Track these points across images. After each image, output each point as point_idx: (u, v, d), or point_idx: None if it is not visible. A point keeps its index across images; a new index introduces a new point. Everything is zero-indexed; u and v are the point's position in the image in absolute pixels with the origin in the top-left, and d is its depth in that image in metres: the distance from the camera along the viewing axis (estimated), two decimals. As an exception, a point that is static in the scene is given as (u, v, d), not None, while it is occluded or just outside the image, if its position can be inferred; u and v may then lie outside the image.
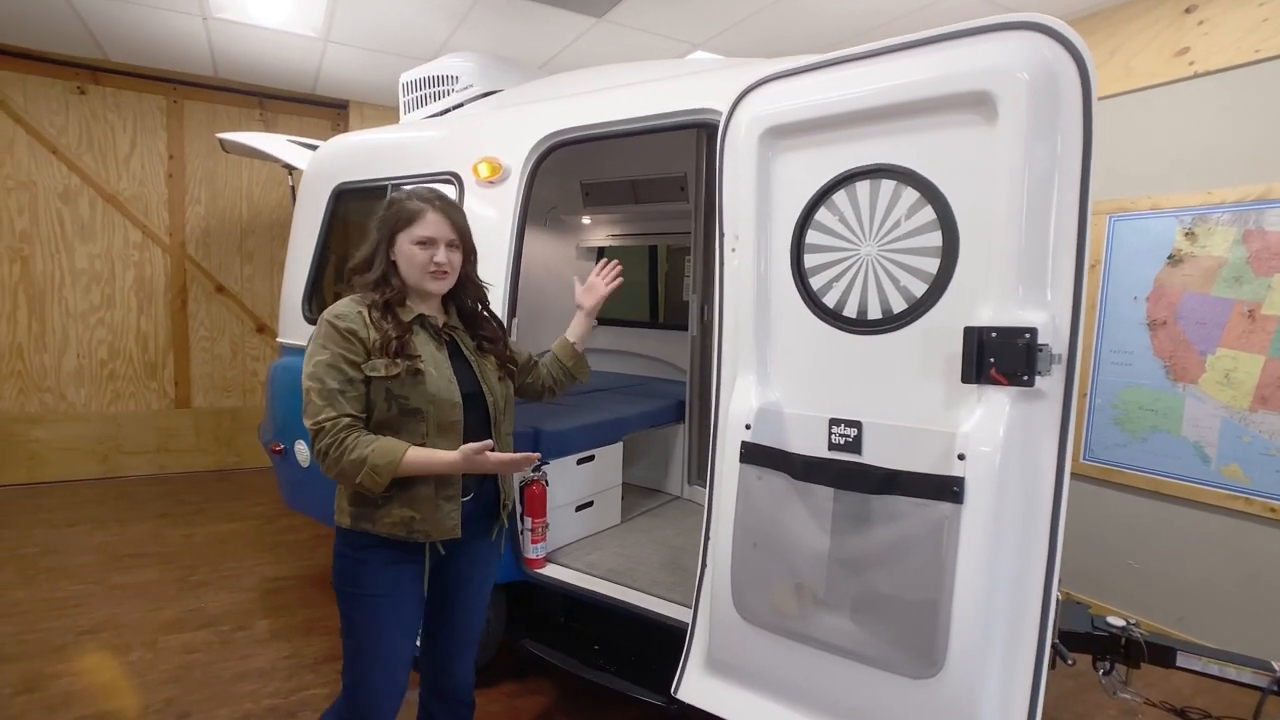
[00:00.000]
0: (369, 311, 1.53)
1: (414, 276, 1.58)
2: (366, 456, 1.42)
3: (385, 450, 1.44)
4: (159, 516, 4.28)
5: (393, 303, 1.56)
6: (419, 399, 1.51)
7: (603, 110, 2.25)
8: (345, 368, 1.47)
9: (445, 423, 1.55)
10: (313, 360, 1.48)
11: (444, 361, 1.59)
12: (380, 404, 1.50)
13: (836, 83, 1.61)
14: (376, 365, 1.48)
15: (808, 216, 1.69)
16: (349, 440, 1.44)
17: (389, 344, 1.49)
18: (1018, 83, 1.35)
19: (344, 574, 1.57)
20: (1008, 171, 1.39)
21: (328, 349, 1.48)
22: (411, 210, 1.57)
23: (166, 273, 5.01)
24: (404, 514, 1.51)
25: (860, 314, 1.63)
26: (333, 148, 3.11)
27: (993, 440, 1.40)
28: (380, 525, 1.51)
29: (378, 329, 1.51)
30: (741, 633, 1.74)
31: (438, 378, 1.54)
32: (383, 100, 5.14)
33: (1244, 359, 2.95)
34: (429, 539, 1.54)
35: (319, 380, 1.46)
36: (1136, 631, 1.82)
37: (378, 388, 1.49)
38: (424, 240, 1.56)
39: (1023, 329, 1.38)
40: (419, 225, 1.56)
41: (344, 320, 1.49)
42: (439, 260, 1.57)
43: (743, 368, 1.79)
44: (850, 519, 1.57)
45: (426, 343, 1.58)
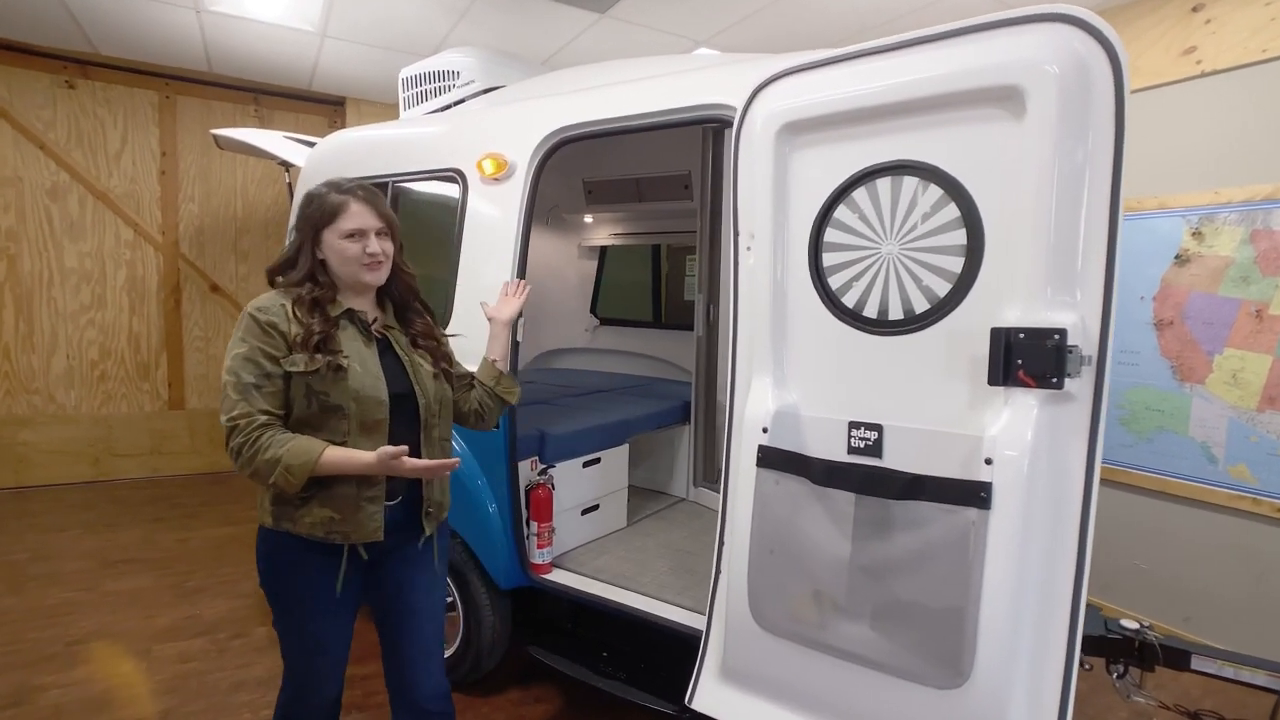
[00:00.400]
0: (293, 306, 1.47)
1: (347, 271, 1.52)
2: (280, 456, 1.36)
3: (300, 450, 1.38)
4: (152, 521, 4.20)
5: (321, 300, 1.50)
6: (340, 396, 1.45)
7: (611, 105, 2.21)
8: (263, 362, 1.42)
9: (369, 421, 1.49)
10: (231, 354, 1.43)
11: (371, 358, 1.53)
12: (300, 400, 1.44)
13: (857, 77, 1.58)
14: (296, 360, 1.43)
15: (826, 214, 1.65)
16: (263, 439, 1.38)
17: (310, 338, 1.43)
18: (1047, 76, 1.32)
19: (267, 574, 1.54)
20: (1036, 168, 1.35)
21: (246, 342, 1.43)
22: (334, 203, 1.50)
23: (159, 272, 4.93)
24: (324, 514, 1.46)
25: (881, 314, 1.59)
26: (331, 144, 3.06)
27: (1021, 444, 1.37)
28: (300, 525, 1.46)
29: (300, 323, 1.45)
30: (758, 641, 1.70)
31: (362, 374, 1.49)
32: (381, 97, 5.08)
33: (1251, 359, 2.94)
34: (348, 540, 1.49)
35: (234, 374, 1.41)
36: (1151, 634, 1.79)
37: (297, 383, 1.44)
38: (352, 232, 1.50)
39: (1052, 330, 1.35)
40: (344, 218, 1.50)
41: (265, 313, 1.44)
42: (372, 250, 1.51)
43: (758, 369, 1.75)
44: (872, 525, 1.54)
45: (354, 338, 1.53)
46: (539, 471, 2.54)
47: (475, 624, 2.47)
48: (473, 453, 2.45)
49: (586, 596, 2.36)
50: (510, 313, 1.91)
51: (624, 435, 3.02)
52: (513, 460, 2.37)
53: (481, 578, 2.45)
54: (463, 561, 2.47)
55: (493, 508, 2.41)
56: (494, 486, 2.42)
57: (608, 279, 4.42)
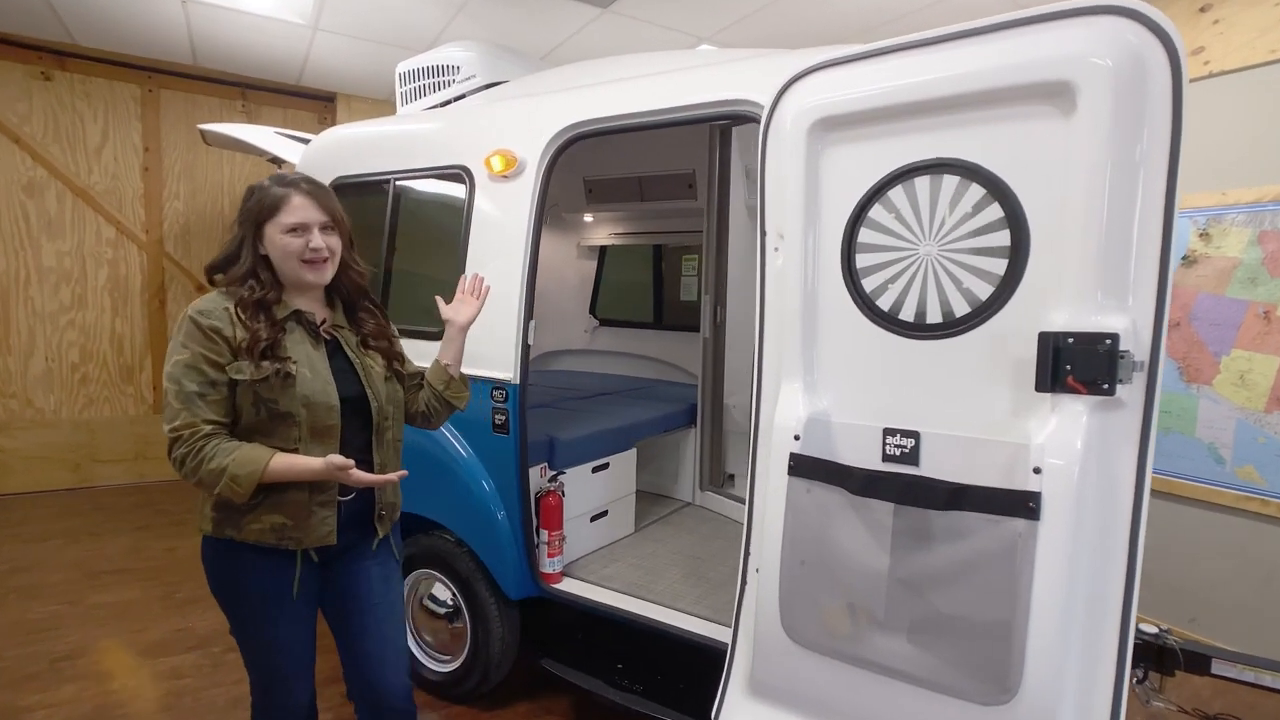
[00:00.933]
0: (236, 308, 1.41)
1: (289, 268, 1.46)
2: (226, 466, 1.32)
3: (246, 459, 1.34)
4: (138, 529, 4.08)
5: (266, 301, 1.43)
6: (289, 403, 1.40)
7: (628, 100, 2.14)
8: (206, 369, 1.36)
9: (320, 427, 1.44)
10: (171, 359, 1.37)
11: (321, 361, 1.48)
12: (248, 409, 1.39)
13: (895, 71, 1.52)
14: (242, 368, 1.37)
15: (860, 214, 1.60)
16: (207, 449, 1.33)
17: (257, 344, 1.37)
18: (1101, 71, 1.27)
19: (217, 583, 1.50)
20: (1088, 167, 1.31)
21: (188, 348, 1.36)
22: (275, 196, 1.44)
23: (143, 271, 4.79)
24: (273, 520, 1.42)
25: (918, 317, 1.54)
26: (329, 140, 2.96)
27: (1071, 452, 1.32)
28: (247, 532, 1.42)
29: (246, 327, 1.39)
30: (789, 655, 1.65)
31: (312, 379, 1.44)
32: (372, 93, 4.97)
33: (1259, 360, 2.94)
34: (300, 545, 1.45)
35: (176, 382, 1.35)
36: (1171, 639, 1.76)
37: (244, 391, 1.38)
38: (294, 227, 1.43)
39: (1104, 335, 1.30)
40: (285, 212, 1.43)
41: (207, 317, 1.38)
42: (315, 246, 1.45)
43: (788, 374, 1.69)
44: (912, 535, 1.49)
45: (301, 341, 1.47)
46: (549, 478, 2.47)
47: (483, 635, 2.39)
48: (480, 458, 2.38)
49: (600, 606, 2.30)
50: (467, 317, 1.74)
51: (632, 439, 2.96)
52: (523, 466, 2.29)
53: (490, 588, 2.38)
54: (470, 571, 2.39)
55: (501, 515, 2.34)
56: (503, 493, 2.35)
57: (607, 279, 4.36)
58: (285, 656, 1.53)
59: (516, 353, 2.26)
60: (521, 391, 2.26)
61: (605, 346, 4.32)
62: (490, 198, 2.37)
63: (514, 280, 2.27)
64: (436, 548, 2.46)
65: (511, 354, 2.27)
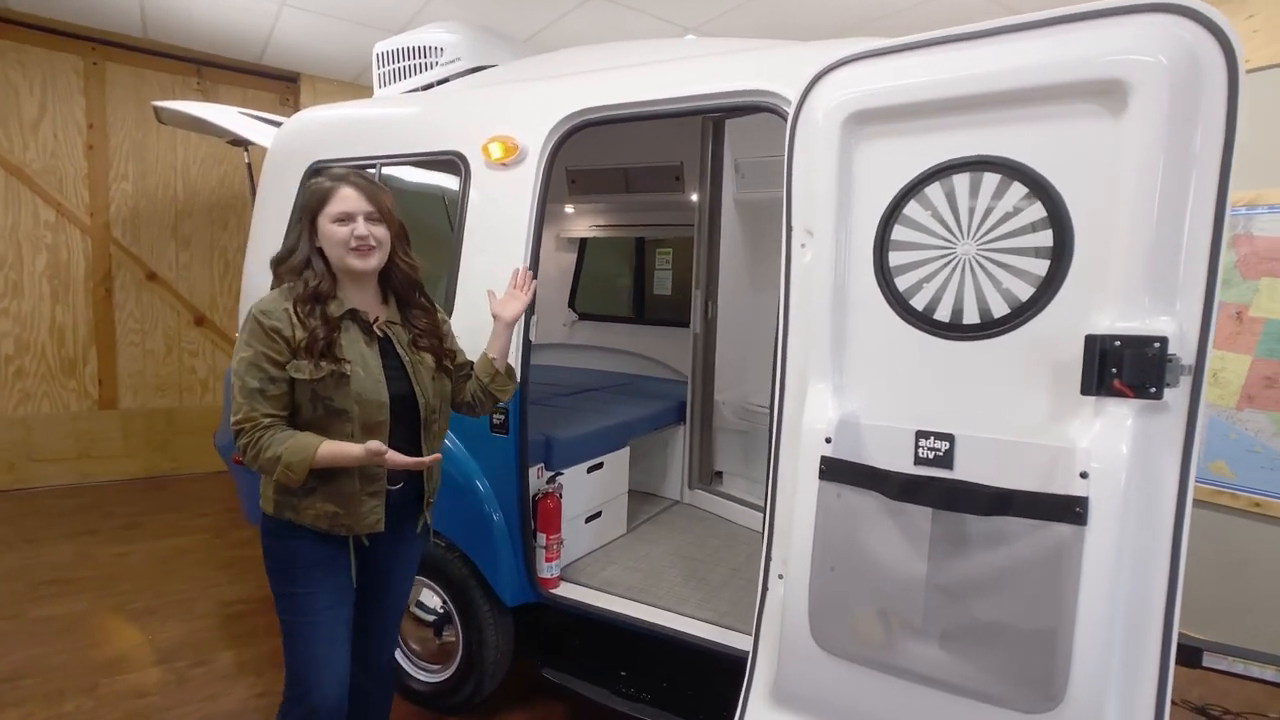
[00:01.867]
0: (295, 306, 1.50)
1: (336, 255, 1.54)
2: (280, 454, 1.42)
3: (298, 447, 1.44)
4: (84, 534, 3.81)
5: (322, 293, 1.52)
6: (344, 400, 1.50)
7: (639, 87, 2.06)
8: (267, 366, 1.45)
9: (371, 423, 1.53)
10: (237, 357, 1.48)
11: (374, 360, 1.56)
12: (306, 404, 1.49)
13: (936, 65, 1.48)
14: (301, 367, 1.46)
15: (895, 210, 1.56)
16: (264, 439, 1.44)
17: (315, 344, 1.46)
18: (1157, 69, 1.25)
19: (273, 552, 1.59)
20: (1139, 167, 1.29)
21: (251, 346, 1.46)
22: (326, 188, 1.54)
23: (87, 257, 4.48)
24: (326, 508, 1.52)
25: (954, 317, 1.51)
26: (306, 121, 2.79)
27: (1118, 457, 1.30)
28: (303, 515, 1.52)
29: (304, 327, 1.47)
30: (818, 663, 1.60)
31: (365, 378, 1.52)
32: (339, 74, 4.75)
33: (1231, 359, 3.03)
34: (351, 532, 1.55)
35: (240, 378, 1.46)
36: None
37: (302, 389, 1.48)
38: (341, 216, 1.52)
39: (1152, 338, 1.28)
40: (334, 202, 1.52)
41: (269, 318, 1.47)
42: (359, 234, 1.52)
43: (815, 374, 1.64)
44: (952, 541, 1.45)
45: (356, 340, 1.55)
46: (547, 479, 2.38)
47: (477, 644, 2.29)
48: (476, 459, 2.27)
49: (603, 613, 2.22)
50: (515, 312, 1.84)
51: (625, 438, 2.89)
52: (523, 466, 2.20)
53: (484, 593, 2.27)
54: (462, 577, 2.29)
55: (497, 518, 2.24)
56: (500, 495, 2.25)
57: (587, 272, 4.26)
58: (331, 635, 1.59)
59: (518, 349, 2.16)
60: (523, 390, 2.16)
61: (584, 341, 4.23)
62: (487, 186, 2.25)
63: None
64: (427, 552, 2.34)
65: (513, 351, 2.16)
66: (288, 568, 1.58)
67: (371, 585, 1.71)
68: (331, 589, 1.59)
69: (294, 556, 1.57)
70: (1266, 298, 2.94)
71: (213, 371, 4.87)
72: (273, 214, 2.76)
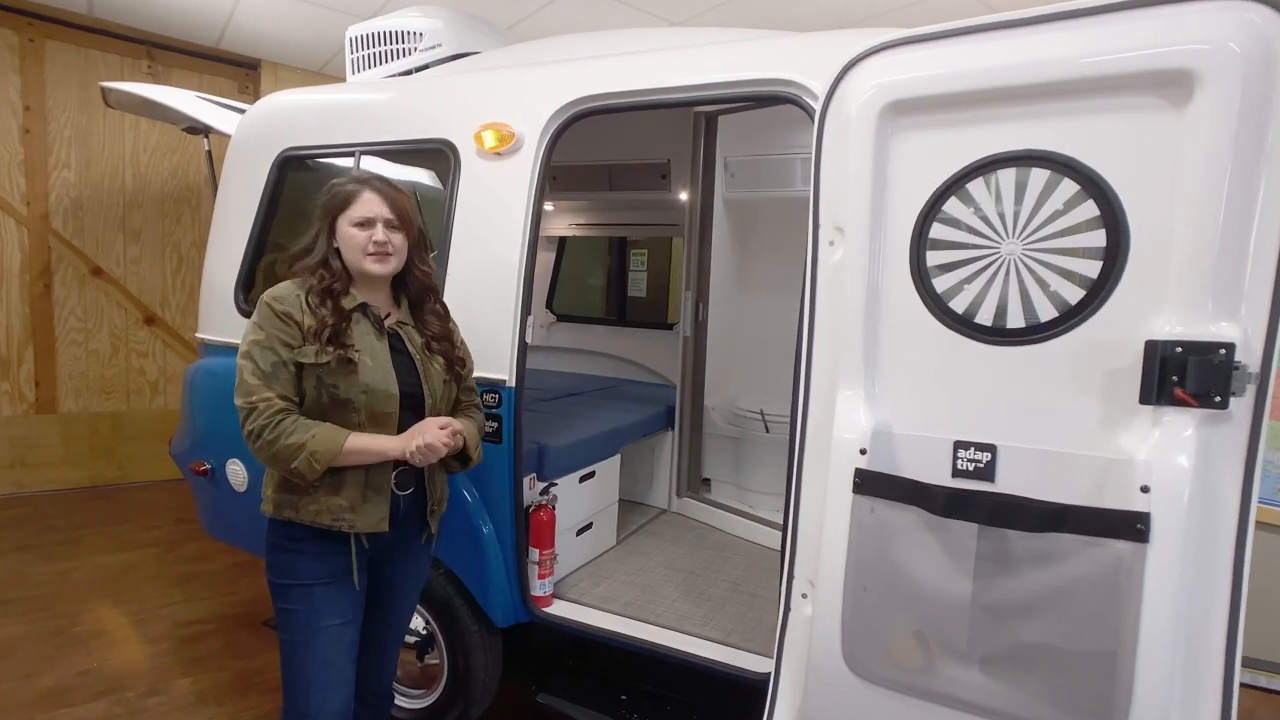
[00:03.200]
0: (307, 296, 1.50)
1: (354, 259, 1.54)
2: (305, 442, 1.41)
3: (326, 437, 1.43)
4: (18, 549, 3.51)
5: (335, 290, 1.52)
6: (350, 389, 1.48)
7: (646, 74, 1.93)
8: (280, 350, 1.45)
9: (379, 414, 1.52)
10: (247, 340, 1.47)
11: (383, 352, 1.55)
12: (311, 392, 1.48)
13: (980, 53, 1.39)
14: (307, 351, 1.46)
15: (933, 208, 1.46)
16: (285, 423, 1.42)
17: (322, 329, 1.46)
18: (1229, 59, 1.18)
19: (276, 565, 1.55)
20: (1205, 163, 1.21)
21: (264, 329, 1.46)
22: (348, 192, 1.54)
23: (23, 250, 4.14)
24: (331, 502, 1.49)
25: (997, 321, 1.42)
26: (276, 106, 2.59)
27: (1181, 470, 1.23)
28: (304, 513, 1.49)
29: (314, 315, 1.48)
30: (850, 689, 1.50)
31: (373, 368, 1.51)
32: (304, 62, 4.50)
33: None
34: (354, 529, 1.51)
35: (252, 360, 1.44)
36: None
37: (309, 375, 1.47)
38: (361, 220, 1.52)
39: (1218, 344, 1.21)
40: (355, 206, 1.53)
41: (281, 303, 1.48)
42: (378, 240, 1.52)
43: (846, 380, 1.54)
44: (1000, 559, 1.36)
45: (366, 333, 1.54)
46: (540, 490, 2.23)
47: (464, 669, 2.13)
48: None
49: (601, 633, 2.08)
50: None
51: (617, 445, 2.76)
52: (518, 479, 2.05)
53: (472, 613, 2.12)
54: (448, 596, 2.13)
55: (487, 530, 2.08)
56: (490, 509, 2.10)
57: (566, 272, 4.12)
58: (332, 656, 1.53)
59: (512, 351, 2.02)
60: (518, 395, 2.02)
61: (563, 343, 4.09)
62: (480, 177, 2.10)
63: (509, 270, 2.03)
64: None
65: (506, 352, 2.02)
66: (289, 582, 1.53)
67: (371, 604, 1.65)
68: (335, 607, 1.53)
69: (295, 570, 1.52)
70: None
71: (164, 373, 4.56)
72: (237, 205, 2.56)
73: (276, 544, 1.54)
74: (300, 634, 1.52)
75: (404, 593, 1.74)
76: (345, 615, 1.56)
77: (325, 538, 1.51)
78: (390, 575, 1.68)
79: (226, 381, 2.42)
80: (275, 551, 1.55)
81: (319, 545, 1.51)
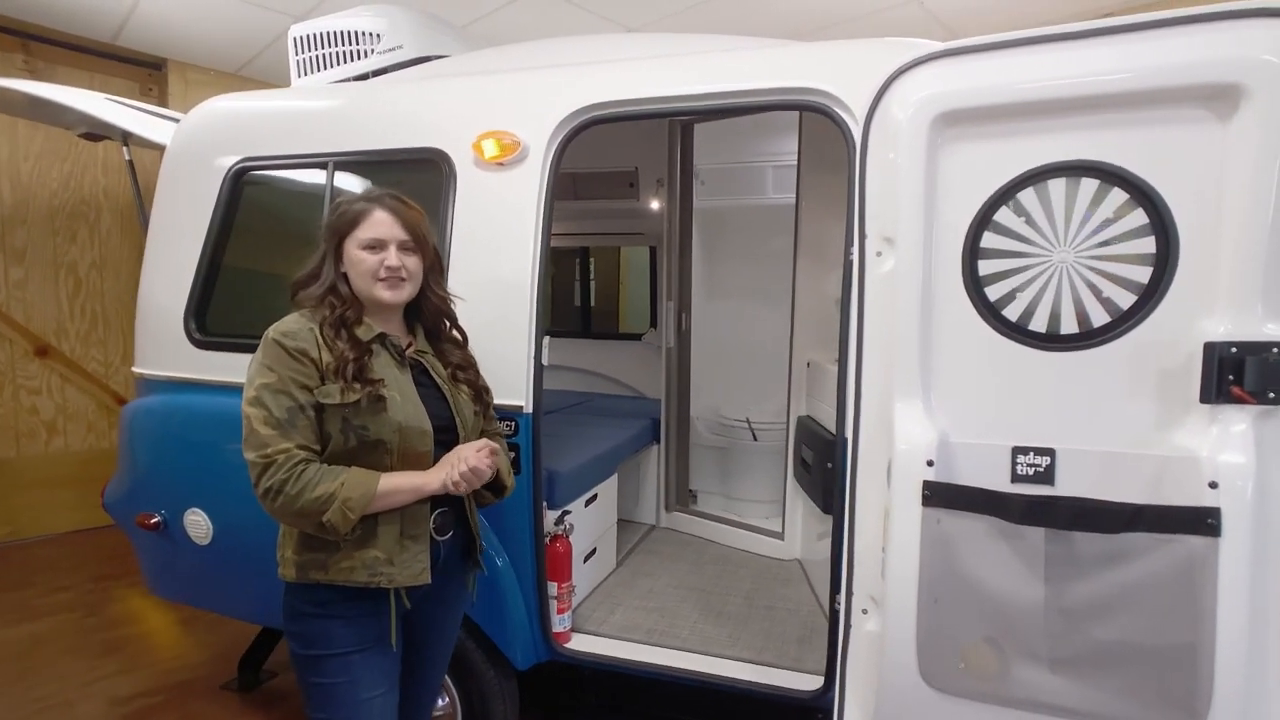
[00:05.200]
0: (321, 329, 1.35)
1: (364, 285, 1.40)
2: (335, 491, 1.26)
3: (358, 482, 1.28)
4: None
5: (347, 319, 1.37)
6: (380, 428, 1.33)
7: (665, 81, 1.87)
8: (296, 393, 1.29)
9: (412, 454, 1.38)
10: (255, 384, 1.30)
11: (408, 385, 1.41)
12: (336, 436, 1.32)
13: (1031, 65, 1.42)
14: (331, 391, 1.30)
15: (985, 217, 1.48)
16: (308, 474, 1.26)
17: (344, 366, 1.31)
18: (1273, 73, 1.25)
19: (305, 635, 1.37)
20: (1252, 172, 1.28)
21: (275, 371, 1.30)
22: (357, 210, 1.40)
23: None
24: (365, 556, 1.33)
25: (1051, 328, 1.46)
26: (226, 112, 2.33)
27: (1245, 465, 1.29)
28: (335, 572, 1.33)
29: (331, 349, 1.33)
30: (928, 703, 1.49)
31: (403, 403, 1.37)
32: (221, 63, 4.10)
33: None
34: (393, 584, 1.35)
35: (264, 407, 1.28)
36: None
37: (333, 416, 1.31)
38: (371, 243, 1.39)
39: (1271, 344, 1.28)
40: (365, 226, 1.39)
41: (293, 339, 1.32)
42: (390, 264, 1.38)
43: (904, 393, 1.53)
44: (1071, 561, 1.39)
45: (388, 365, 1.40)
46: (555, 520, 2.12)
47: (482, 715, 1.99)
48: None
49: (630, 665, 1.99)
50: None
51: (614, 465, 2.67)
52: (538, 511, 1.93)
53: (487, 657, 1.98)
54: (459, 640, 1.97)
55: (501, 562, 1.95)
56: (505, 541, 1.96)
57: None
58: (376, 714, 1.38)
59: (528, 376, 1.89)
60: (535, 422, 1.90)
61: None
62: (480, 189, 1.97)
63: (521, 289, 1.91)
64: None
65: (521, 377, 1.90)
66: (321, 654, 1.36)
67: (417, 653, 1.53)
68: (376, 676, 1.38)
69: (328, 639, 1.35)
70: None
71: (63, 411, 4.02)
72: (180, 224, 2.28)
73: (303, 611, 1.37)
74: (343, 710, 1.37)
75: (442, 646, 1.60)
76: (388, 683, 1.42)
77: (359, 598, 1.36)
78: (427, 629, 1.54)
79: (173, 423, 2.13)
80: (302, 620, 1.38)
81: (353, 608, 1.36)
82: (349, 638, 1.36)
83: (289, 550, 1.37)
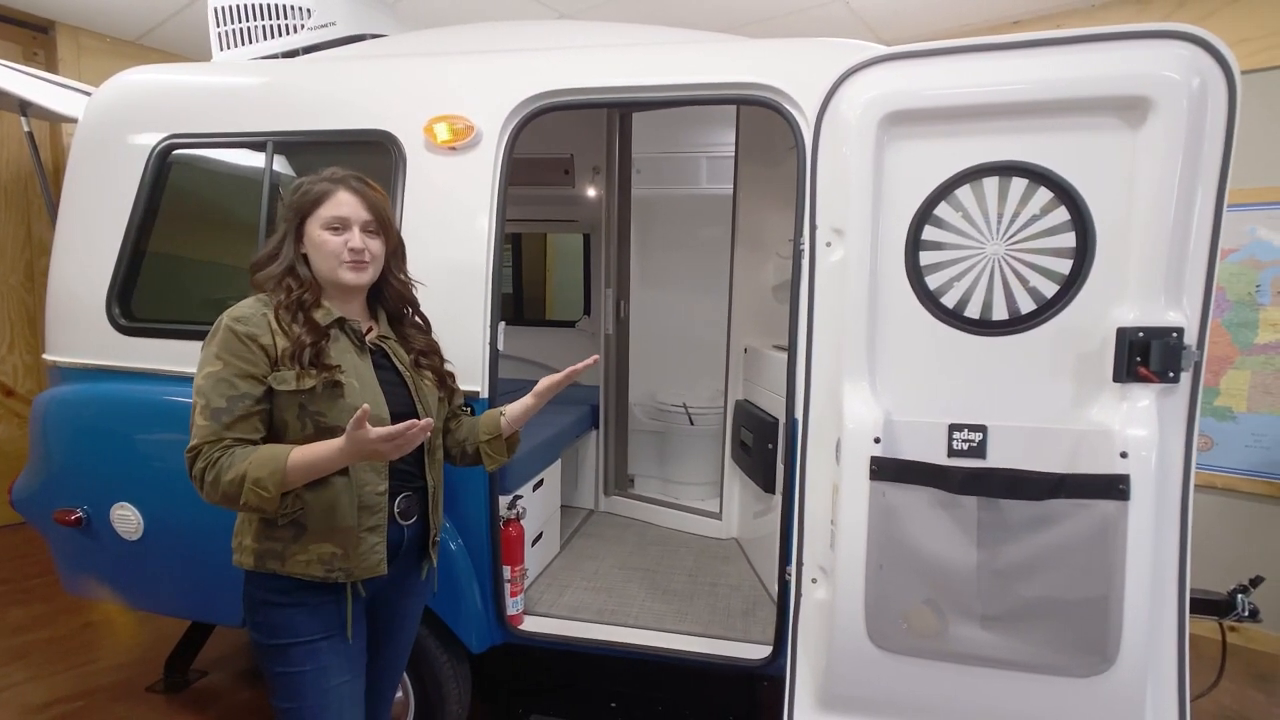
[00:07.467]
0: (276, 314, 1.32)
1: (326, 267, 1.36)
2: (244, 471, 1.21)
3: (264, 459, 1.22)
4: None
5: (305, 302, 1.34)
6: (338, 415, 1.29)
7: (619, 71, 1.89)
8: (238, 382, 1.26)
9: None
10: (202, 371, 1.28)
11: (368, 371, 1.39)
12: (293, 423, 1.30)
13: (970, 71, 1.53)
14: (286, 377, 1.28)
15: (926, 211, 1.59)
16: (223, 460, 1.22)
17: (301, 351, 1.28)
18: (1179, 89, 1.40)
19: (268, 625, 1.34)
20: (1158, 176, 1.44)
21: (221, 359, 1.27)
22: (320, 190, 1.37)
23: None
24: (321, 550, 1.31)
25: (984, 315, 1.59)
26: (149, 85, 2.18)
27: (1149, 436, 1.46)
28: (291, 564, 1.31)
29: (287, 334, 1.30)
30: (876, 663, 1.60)
31: (361, 390, 1.34)
32: (119, 29, 3.78)
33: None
34: (350, 578, 1.34)
35: (204, 396, 1.26)
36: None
37: (289, 403, 1.29)
38: (334, 223, 1.36)
39: (1171, 329, 1.45)
40: (328, 205, 1.36)
41: (244, 324, 1.28)
42: (354, 246, 1.35)
43: (851, 375, 1.63)
44: (1002, 527, 1.53)
45: (347, 350, 1.37)
46: (508, 504, 2.12)
47: (436, 701, 1.99)
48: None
49: (585, 644, 2.04)
50: (557, 386, 1.61)
51: (558, 450, 2.69)
52: (494, 495, 1.94)
53: (440, 641, 1.97)
54: (412, 629, 1.96)
55: (455, 546, 1.94)
56: (459, 523, 1.96)
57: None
58: (349, 714, 1.37)
59: (484, 360, 1.89)
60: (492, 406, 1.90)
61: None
62: (431, 174, 1.94)
63: (475, 274, 1.90)
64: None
65: (477, 363, 1.89)
66: (287, 643, 1.33)
67: (380, 643, 1.52)
68: (342, 662, 1.37)
69: (293, 628, 1.33)
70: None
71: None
72: (95, 203, 2.14)
73: (265, 600, 1.34)
74: (310, 698, 1.34)
75: (404, 634, 1.60)
76: (354, 669, 1.40)
77: (320, 587, 1.34)
78: (389, 616, 1.53)
79: (92, 413, 2.03)
80: (265, 609, 1.34)
81: (314, 594, 1.34)
82: (314, 625, 1.34)
83: (247, 538, 1.34)
